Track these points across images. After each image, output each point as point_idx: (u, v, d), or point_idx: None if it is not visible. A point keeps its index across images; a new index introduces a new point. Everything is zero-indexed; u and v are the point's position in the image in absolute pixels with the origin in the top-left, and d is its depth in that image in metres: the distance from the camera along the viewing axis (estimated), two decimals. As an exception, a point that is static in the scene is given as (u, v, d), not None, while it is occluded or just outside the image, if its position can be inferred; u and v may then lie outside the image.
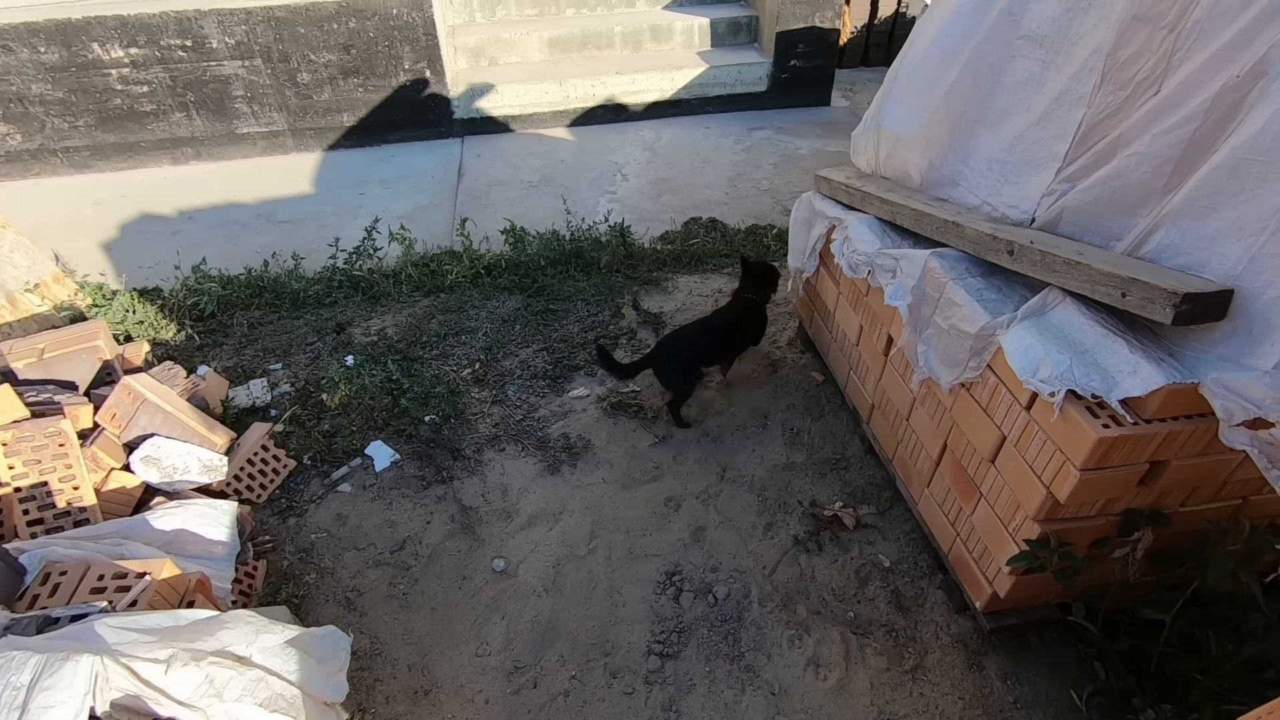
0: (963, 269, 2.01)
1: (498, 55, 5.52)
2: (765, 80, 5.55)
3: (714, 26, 5.66)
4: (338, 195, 4.72)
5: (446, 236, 4.25)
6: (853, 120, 5.53)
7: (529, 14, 5.76)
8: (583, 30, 5.52)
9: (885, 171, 2.64)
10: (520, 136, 5.38)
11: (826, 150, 5.08)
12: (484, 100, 5.27)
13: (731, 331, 2.79)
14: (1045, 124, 1.98)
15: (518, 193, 4.68)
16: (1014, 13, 2.06)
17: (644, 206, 4.49)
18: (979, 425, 1.90)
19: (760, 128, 5.43)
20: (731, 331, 2.79)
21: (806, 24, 5.31)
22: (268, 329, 3.42)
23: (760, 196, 4.56)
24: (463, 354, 3.20)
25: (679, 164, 4.95)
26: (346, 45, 4.84)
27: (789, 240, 3.02)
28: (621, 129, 5.44)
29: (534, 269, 3.71)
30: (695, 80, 5.44)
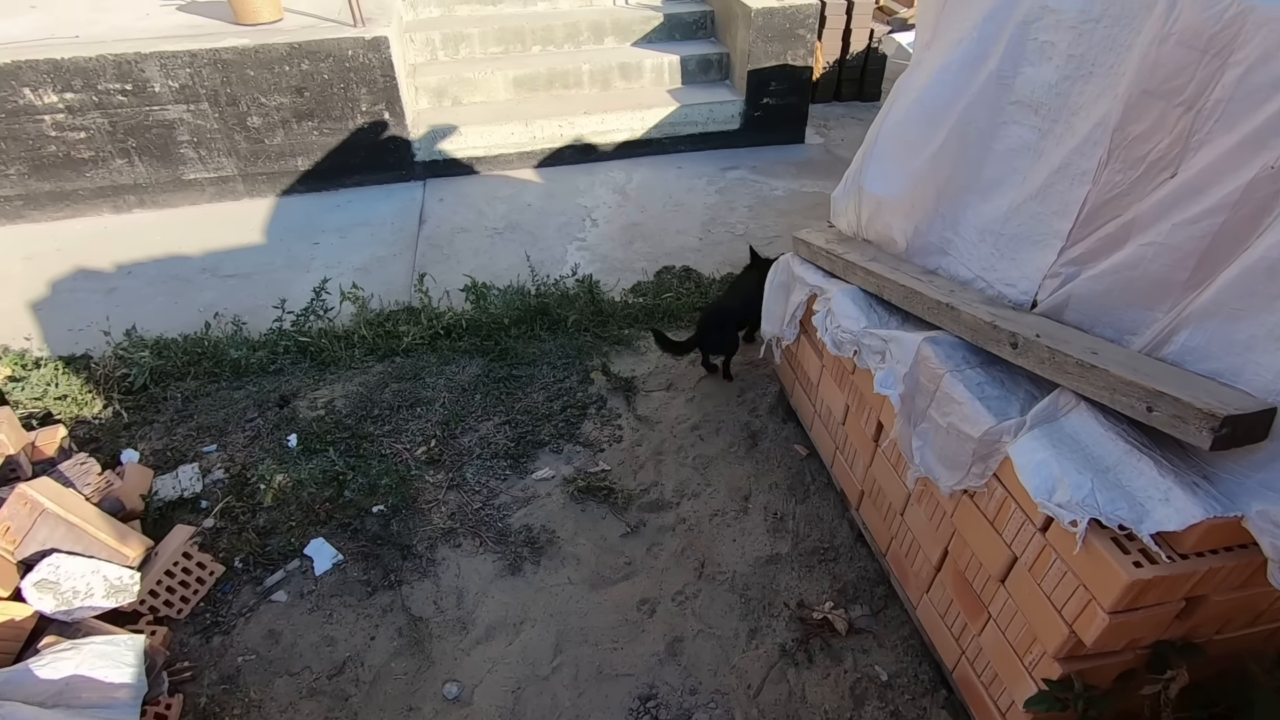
0: (960, 358, 1.82)
1: (461, 95, 5.32)
2: (738, 118, 5.41)
3: (684, 64, 5.52)
4: (290, 245, 4.46)
5: (405, 290, 4.00)
6: (827, 158, 5.40)
7: (493, 52, 5.57)
8: (549, 69, 5.35)
9: (868, 234, 2.46)
10: (485, 179, 5.17)
11: (802, 191, 4.93)
12: (447, 142, 5.06)
13: (754, 295, 3.01)
14: (1044, 198, 1.80)
15: (482, 241, 4.45)
16: (1005, 76, 1.89)
17: (614, 255, 4.28)
18: (986, 540, 1.69)
19: (734, 167, 5.28)
20: (754, 295, 3.01)
21: (779, 62, 5.18)
22: (204, 403, 3.13)
23: (735, 242, 4.38)
24: (417, 429, 2.94)
25: (651, 208, 4.77)
26: (299, 88, 4.61)
27: (764, 305, 2.82)
28: (591, 170, 5.25)
29: (496, 329, 3.47)
30: (666, 119, 5.28)
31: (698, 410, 3.01)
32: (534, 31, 5.55)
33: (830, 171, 5.20)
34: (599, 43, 5.69)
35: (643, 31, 5.70)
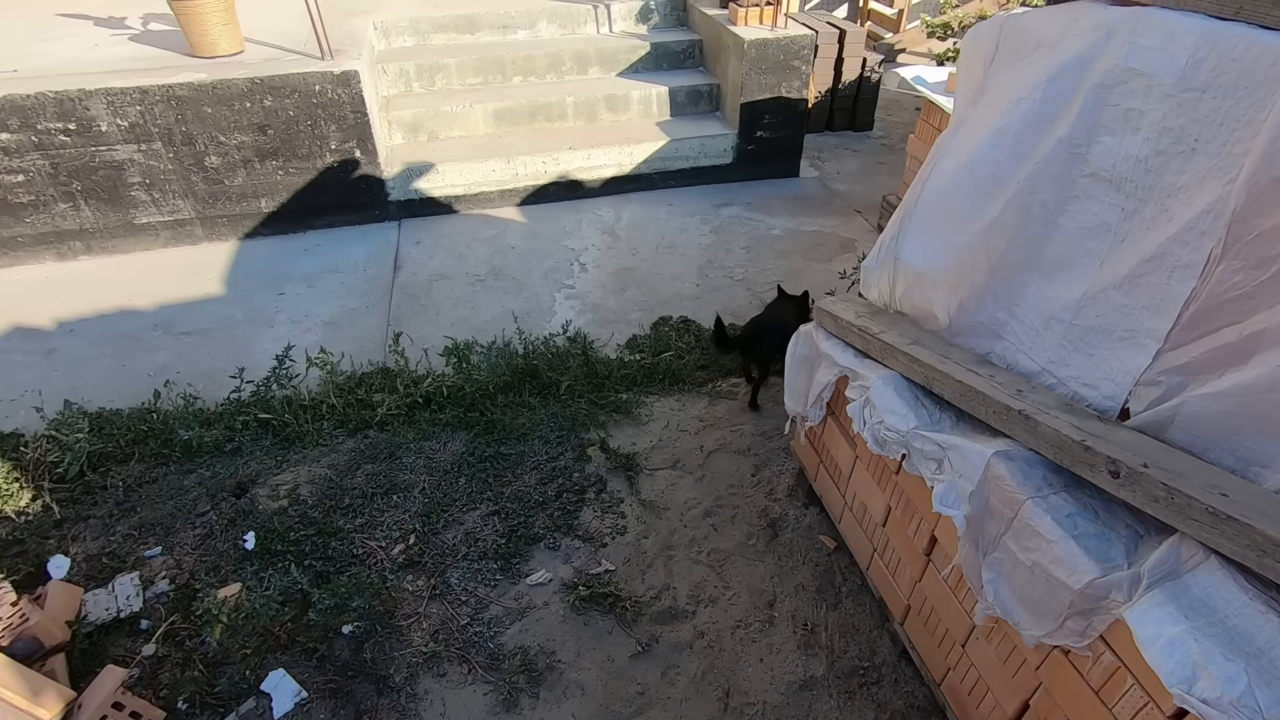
0: (1040, 478, 1.54)
1: (438, 129, 5.01)
2: (730, 152, 5.17)
3: (673, 95, 5.27)
4: (252, 295, 4.09)
5: (379, 348, 3.66)
6: (824, 193, 5.17)
7: (472, 83, 5.28)
8: (531, 101, 5.06)
9: (902, 307, 2.20)
10: (465, 218, 4.85)
11: (801, 230, 4.68)
12: (423, 180, 4.74)
13: (792, 319, 3.05)
14: (1132, 289, 1.54)
15: (463, 289, 4.13)
16: (1077, 145, 1.63)
17: (606, 304, 3.99)
18: (1088, 710, 1.41)
19: (727, 204, 5.02)
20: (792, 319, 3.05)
21: (772, 94, 4.96)
22: (150, 492, 2.76)
23: (734, 288, 4.11)
24: (394, 522, 2.60)
25: (643, 250, 4.48)
26: (262, 125, 4.26)
27: (785, 378, 2.54)
28: (577, 207, 4.96)
29: (481, 397, 3.15)
30: (656, 154, 5.02)
31: (708, 492, 2.72)
32: (514, 62, 5.27)
33: (828, 207, 4.97)
34: (583, 73, 5.43)
35: (629, 61, 5.45)
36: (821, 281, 4.02)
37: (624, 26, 5.68)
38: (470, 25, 5.45)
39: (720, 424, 3.05)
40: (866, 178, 5.40)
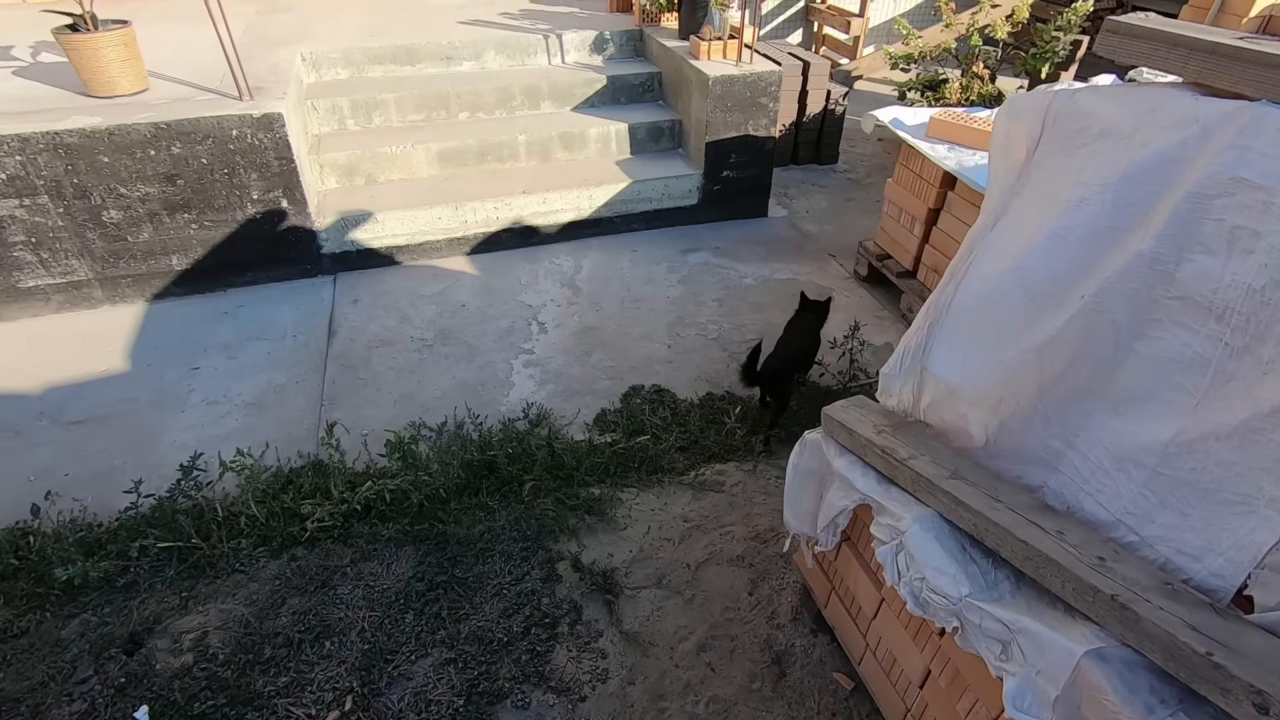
0: (1146, 689, 1.23)
1: (376, 172, 4.55)
2: (695, 193, 4.86)
3: (633, 132, 4.93)
4: (161, 371, 3.56)
5: (310, 435, 3.19)
6: (795, 235, 4.90)
7: (414, 120, 4.84)
8: (480, 141, 4.65)
9: (929, 419, 1.88)
10: (409, 271, 4.40)
11: (774, 279, 4.39)
12: (361, 230, 4.27)
13: (812, 342, 3.28)
14: (1244, 445, 1.25)
15: (408, 357, 3.68)
16: (1162, 261, 1.34)
17: (570, 371, 3.60)
18: None
19: (694, 248, 4.70)
20: (812, 342, 3.28)
21: (739, 133, 4.67)
22: (17, 647, 2.24)
23: (709, 348, 3.78)
24: (325, 678, 2.16)
25: (607, 304, 4.11)
26: (170, 175, 3.74)
27: (785, 490, 2.19)
28: (533, 255, 4.56)
29: (431, 502, 2.72)
30: (617, 196, 4.67)
31: (701, 618, 2.35)
32: (460, 96, 4.85)
33: (800, 251, 4.69)
34: (535, 108, 5.04)
35: (584, 95, 5.09)
36: (803, 341, 3.72)
37: (577, 57, 5.33)
38: (410, 56, 5.01)
39: (708, 524, 2.69)
40: (837, 216, 5.16)
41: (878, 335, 3.88)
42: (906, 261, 4.02)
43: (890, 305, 4.12)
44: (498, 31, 5.23)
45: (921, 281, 3.90)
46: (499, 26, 5.35)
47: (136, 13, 4.41)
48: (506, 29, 5.29)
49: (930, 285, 3.83)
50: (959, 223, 3.57)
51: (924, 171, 3.75)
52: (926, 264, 3.85)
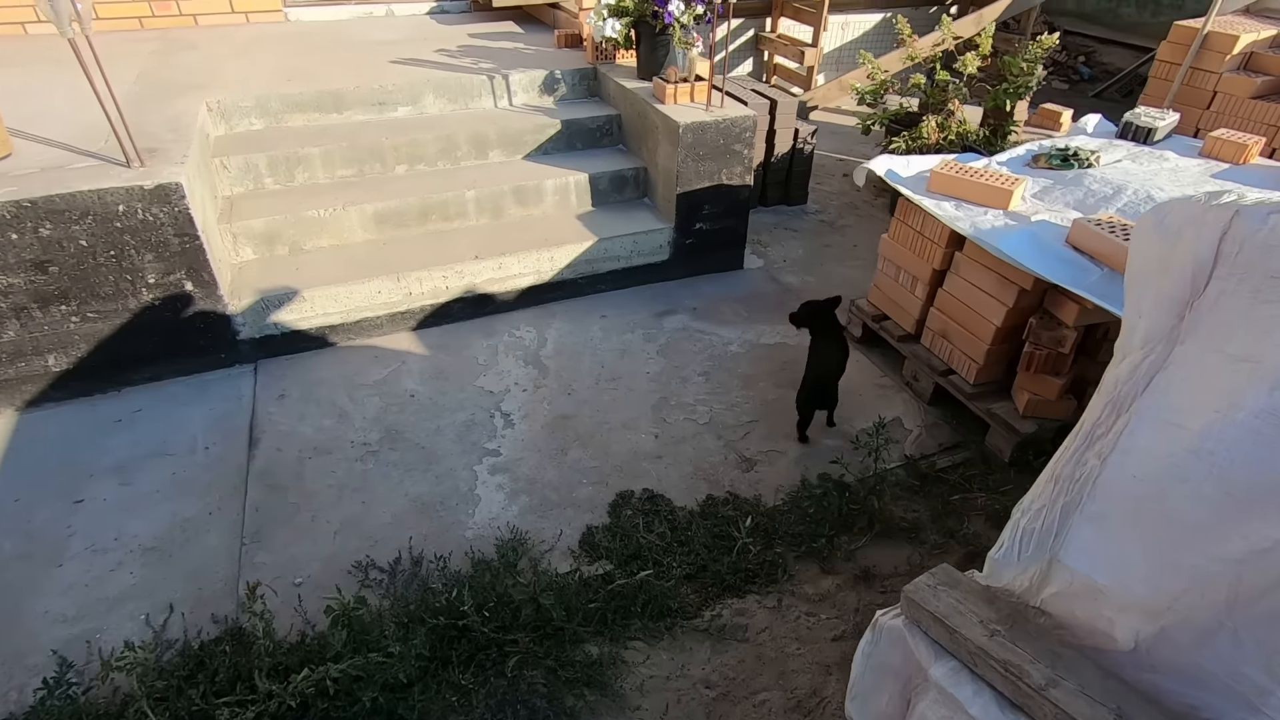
0: None
1: (302, 239, 3.94)
2: (667, 248, 4.42)
3: (594, 183, 4.46)
4: (33, 508, 2.87)
5: (227, 590, 2.57)
6: (775, 289, 4.51)
7: (344, 176, 4.24)
8: (422, 198, 4.09)
9: (1049, 609, 1.46)
10: (346, 354, 3.79)
11: (761, 344, 3.97)
12: (286, 309, 3.65)
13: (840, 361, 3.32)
14: None
15: (348, 468, 3.08)
16: None
17: (545, 476, 3.07)
18: None
19: (670, 309, 4.25)
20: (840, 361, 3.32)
21: (712, 182, 4.26)
22: None
23: (701, 436, 3.32)
24: None
25: (580, 385, 3.61)
26: (40, 262, 3.06)
27: (851, 679, 1.73)
28: (490, 327, 4.02)
29: (389, 692, 2.14)
30: (581, 256, 4.18)
31: (747, 837, 1.86)
32: (397, 148, 4.29)
33: (784, 309, 4.27)
34: (483, 158, 4.52)
35: (536, 142, 4.60)
36: (814, 432, 3.31)
37: (527, 99, 4.83)
38: (337, 103, 4.42)
39: (736, 692, 2.21)
40: (816, 265, 4.81)
41: (884, 407, 3.50)
42: (907, 324, 3.66)
43: (891, 371, 3.75)
44: (436, 72, 4.69)
45: (927, 347, 3.55)
46: (437, 66, 4.82)
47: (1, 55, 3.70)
48: (446, 69, 4.76)
49: (937, 351, 3.48)
50: (970, 287, 3.23)
51: (926, 229, 3.40)
52: (932, 328, 3.50)
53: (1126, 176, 3.28)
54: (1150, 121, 3.64)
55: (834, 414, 3.41)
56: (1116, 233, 2.76)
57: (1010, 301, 3.06)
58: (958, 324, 3.33)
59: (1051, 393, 3.06)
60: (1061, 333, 2.97)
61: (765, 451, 3.24)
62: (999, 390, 3.32)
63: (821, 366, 3.25)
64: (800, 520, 2.85)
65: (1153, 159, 3.47)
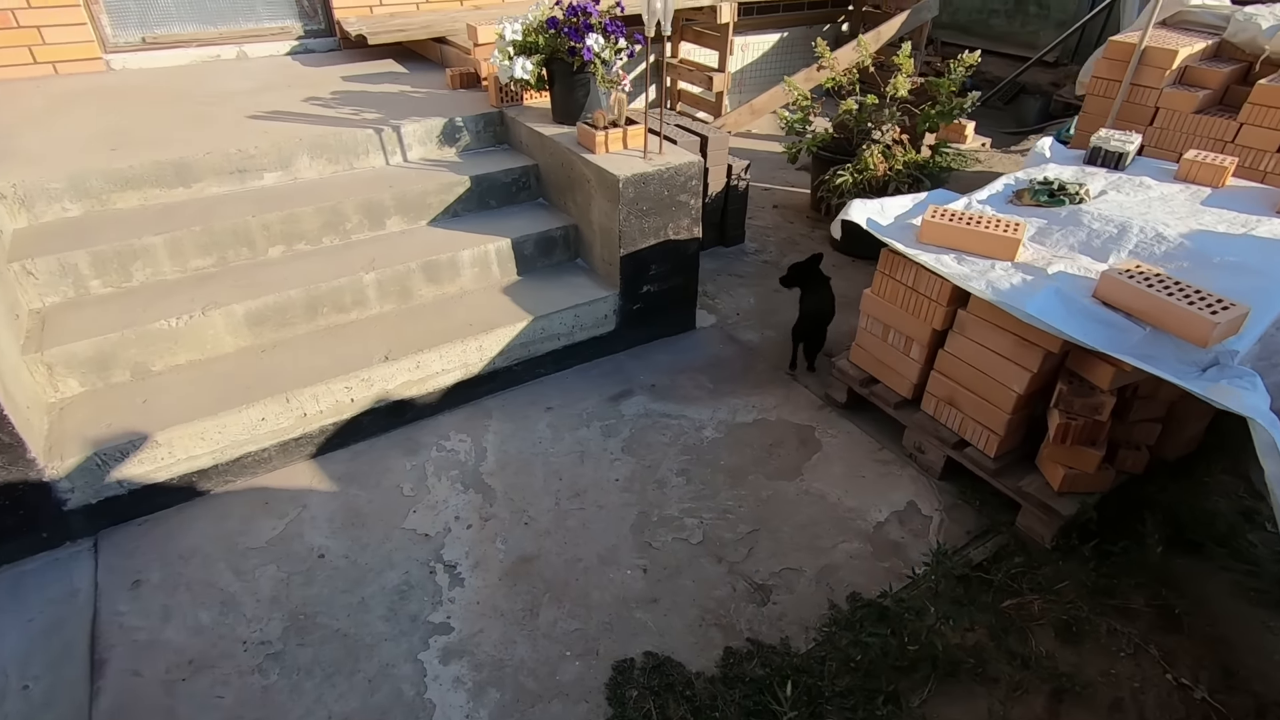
0: None
1: (150, 358, 3.03)
2: (613, 317, 3.81)
3: (518, 248, 3.79)
4: None
5: None
6: (735, 351, 3.99)
7: (201, 268, 3.35)
8: (308, 289, 3.28)
9: None
10: (225, 505, 2.92)
11: (738, 424, 3.43)
12: (134, 460, 2.74)
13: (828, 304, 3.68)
14: None
15: (241, 688, 2.25)
16: None
17: (516, 655, 2.37)
18: None
19: (625, 390, 3.64)
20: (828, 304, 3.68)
21: (659, 239, 3.69)
22: None
23: (699, 562, 2.72)
24: None
25: (537, 509, 2.92)
26: None
27: None
28: (413, 441, 3.26)
29: None
30: (516, 340, 3.50)
31: None
32: (268, 227, 3.45)
33: (751, 374, 3.79)
34: (379, 228, 3.75)
35: (443, 204, 3.88)
36: (825, 535, 2.79)
37: (424, 153, 4.10)
38: (184, 174, 3.52)
39: None
40: (771, 314, 4.34)
41: (890, 488, 3.04)
42: (903, 389, 3.23)
43: (889, 441, 3.31)
44: (309, 127, 3.87)
45: (931, 415, 3.12)
46: (309, 119, 4.00)
47: None
48: (321, 122, 3.95)
49: (944, 420, 3.06)
50: (981, 349, 2.82)
51: (921, 285, 2.98)
52: (936, 394, 3.07)
53: (1122, 211, 2.99)
54: (1120, 145, 3.41)
55: (815, 359, 3.82)
56: (1154, 286, 2.41)
57: (1034, 366, 2.66)
58: (968, 390, 2.92)
59: (1090, 465, 2.69)
60: (1097, 399, 2.60)
61: (778, 572, 2.68)
62: (1021, 460, 2.93)
63: (814, 306, 3.63)
64: (844, 669, 2.31)
65: (1135, 188, 3.22)
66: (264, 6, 5.17)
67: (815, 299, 3.65)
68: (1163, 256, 2.72)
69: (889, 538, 2.83)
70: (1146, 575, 2.59)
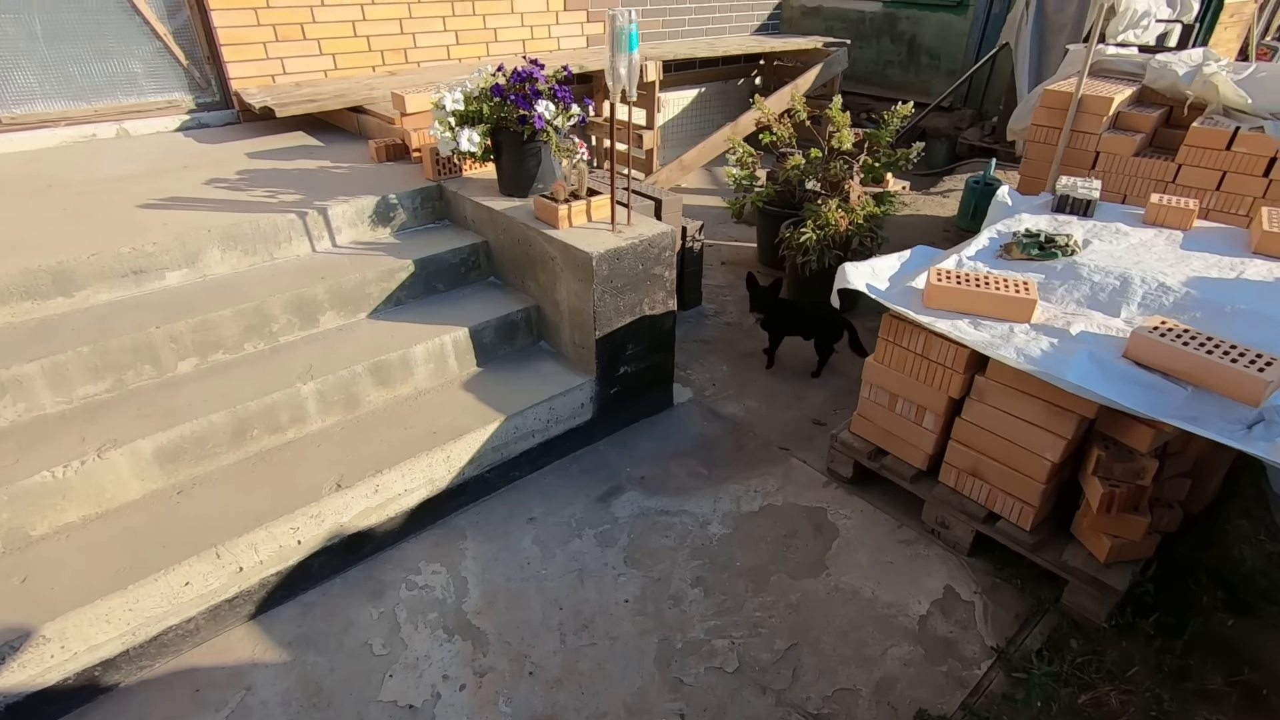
0: None
1: (29, 521, 2.39)
2: (590, 406, 3.43)
3: (476, 337, 3.38)
4: None
5: None
6: (721, 426, 3.70)
7: (92, 396, 2.74)
8: (232, 413, 2.73)
9: None
10: (139, 700, 2.29)
11: (745, 515, 3.11)
12: (9, 668, 2.10)
13: None
14: None
15: None
16: None
17: None
18: None
19: (614, 487, 3.25)
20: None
21: (634, 316, 3.38)
22: None
23: (741, 696, 2.34)
24: None
25: (539, 652, 2.47)
26: None
27: None
28: (376, 579, 2.74)
29: None
30: (488, 445, 3.06)
31: None
32: (176, 337, 2.89)
33: (744, 453, 3.50)
34: (312, 326, 3.24)
35: (385, 292, 3.42)
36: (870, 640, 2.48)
37: (356, 235, 3.64)
38: (63, 281, 2.92)
39: None
40: (749, 383, 4.09)
41: (920, 571, 2.79)
42: (917, 460, 3.02)
43: (905, 517, 3.08)
44: (217, 215, 3.34)
45: (953, 487, 2.91)
46: (216, 206, 3.47)
47: None
48: (230, 208, 3.43)
49: (966, 491, 2.86)
50: (1006, 416, 2.65)
51: (932, 352, 2.79)
52: (956, 465, 2.87)
53: (1116, 261, 2.94)
54: (1087, 193, 3.41)
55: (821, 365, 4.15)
56: (1190, 344, 2.30)
57: (1068, 433, 2.50)
58: (994, 460, 2.73)
59: (1136, 533, 2.53)
60: (1139, 464, 2.46)
61: (831, 696, 2.35)
62: (1056, 530, 2.75)
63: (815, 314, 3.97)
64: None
65: (1114, 235, 3.21)
66: (146, 79, 4.58)
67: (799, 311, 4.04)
68: (1172, 307, 2.66)
69: (937, 633, 2.56)
70: (1216, 649, 2.43)
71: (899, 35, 10.28)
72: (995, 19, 9.13)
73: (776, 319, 4.03)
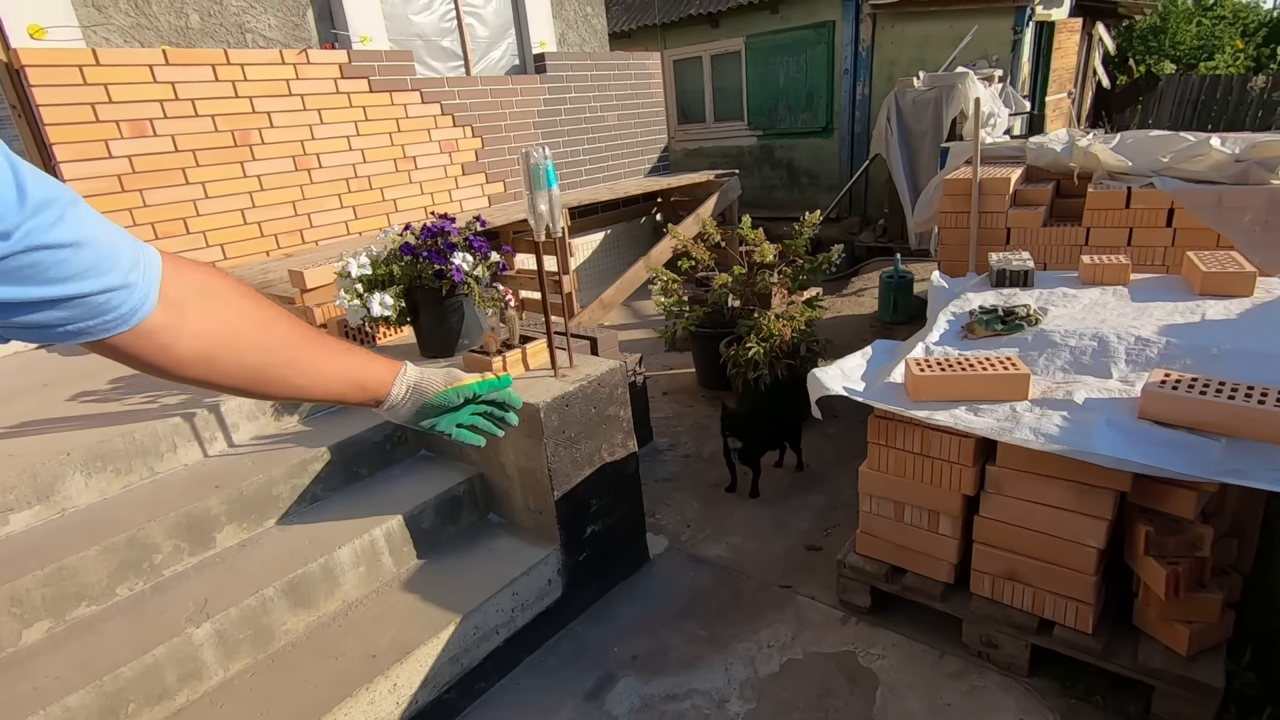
0: None
1: None
2: (558, 581, 2.92)
3: (413, 524, 2.86)
4: None
5: None
6: (711, 575, 3.24)
7: (-109, 704, 2.01)
8: (98, 689, 2.07)
9: None
10: None
11: (763, 678, 2.60)
12: None
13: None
14: None
15: None
16: None
17: None
18: None
19: (605, 677, 2.68)
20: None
21: (594, 467, 2.98)
22: None
23: None
24: None
25: None
26: None
27: None
28: None
29: None
30: (444, 657, 2.47)
31: None
32: (20, 599, 2.25)
33: (744, 601, 3.03)
34: (206, 548, 2.65)
35: (296, 491, 2.89)
36: None
37: (257, 429, 3.13)
38: None
39: None
40: (725, 517, 3.69)
41: (983, 708, 2.33)
42: (941, 574, 2.66)
43: (946, 643, 2.65)
44: (80, 434, 2.78)
45: (990, 597, 2.54)
46: (80, 423, 2.91)
47: None
48: (98, 423, 2.88)
49: (1007, 599, 2.50)
50: (1033, 506, 2.36)
51: (931, 448, 2.53)
52: (988, 571, 2.52)
53: (1081, 324, 2.84)
54: (1023, 264, 3.41)
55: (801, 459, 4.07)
56: (1207, 392, 2.12)
57: (1107, 514, 2.23)
58: (1030, 557, 2.41)
59: (1213, 613, 2.21)
60: (1193, 532, 2.19)
61: None
62: (1118, 624, 2.41)
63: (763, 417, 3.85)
64: None
65: (1065, 299, 3.15)
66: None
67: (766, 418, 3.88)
68: (1160, 359, 2.52)
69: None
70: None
71: (777, 162, 11.09)
72: (859, 137, 10.01)
73: (756, 439, 3.75)
